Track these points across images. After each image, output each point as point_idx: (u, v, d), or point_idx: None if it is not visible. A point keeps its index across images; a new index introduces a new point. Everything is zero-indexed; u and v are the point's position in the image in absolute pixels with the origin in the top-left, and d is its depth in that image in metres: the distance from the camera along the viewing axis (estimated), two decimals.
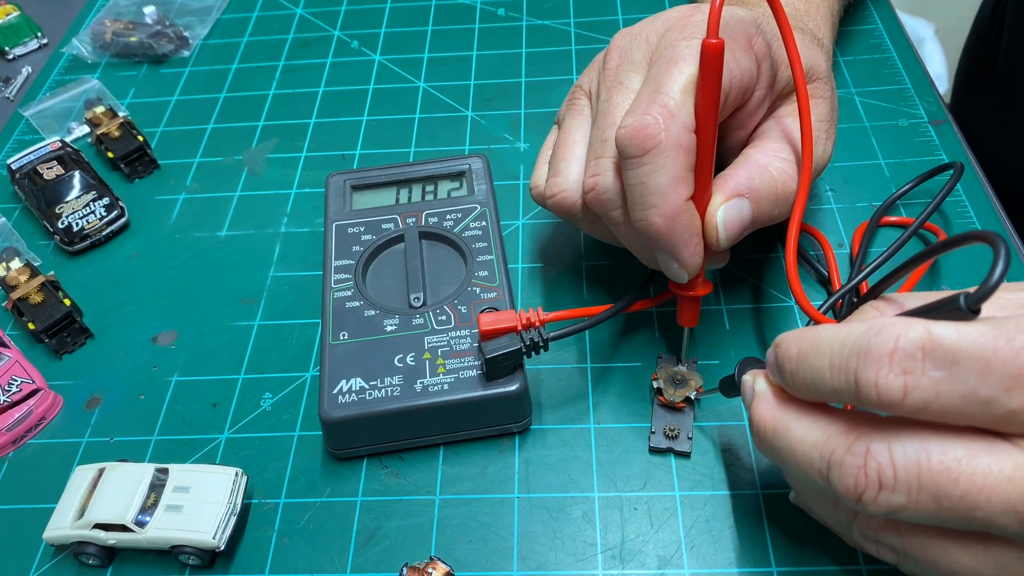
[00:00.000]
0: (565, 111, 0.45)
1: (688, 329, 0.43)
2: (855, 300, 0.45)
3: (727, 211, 0.38)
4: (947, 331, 0.26)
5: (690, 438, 0.42)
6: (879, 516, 0.30)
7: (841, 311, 0.44)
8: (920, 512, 0.27)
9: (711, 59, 0.34)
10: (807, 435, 0.30)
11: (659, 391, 0.42)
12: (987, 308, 0.27)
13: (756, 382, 0.34)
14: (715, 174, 0.39)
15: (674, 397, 0.42)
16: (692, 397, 0.42)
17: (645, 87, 0.37)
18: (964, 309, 0.27)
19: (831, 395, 0.29)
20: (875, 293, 0.35)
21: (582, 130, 0.43)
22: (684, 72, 0.36)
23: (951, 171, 0.48)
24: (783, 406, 0.32)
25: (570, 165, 0.42)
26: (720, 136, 0.38)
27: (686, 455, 0.42)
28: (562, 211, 0.42)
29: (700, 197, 0.38)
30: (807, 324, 0.42)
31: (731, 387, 0.38)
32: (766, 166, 0.39)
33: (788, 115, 0.41)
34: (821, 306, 0.42)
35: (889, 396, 0.26)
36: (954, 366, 0.26)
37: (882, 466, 0.27)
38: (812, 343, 0.29)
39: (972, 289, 0.27)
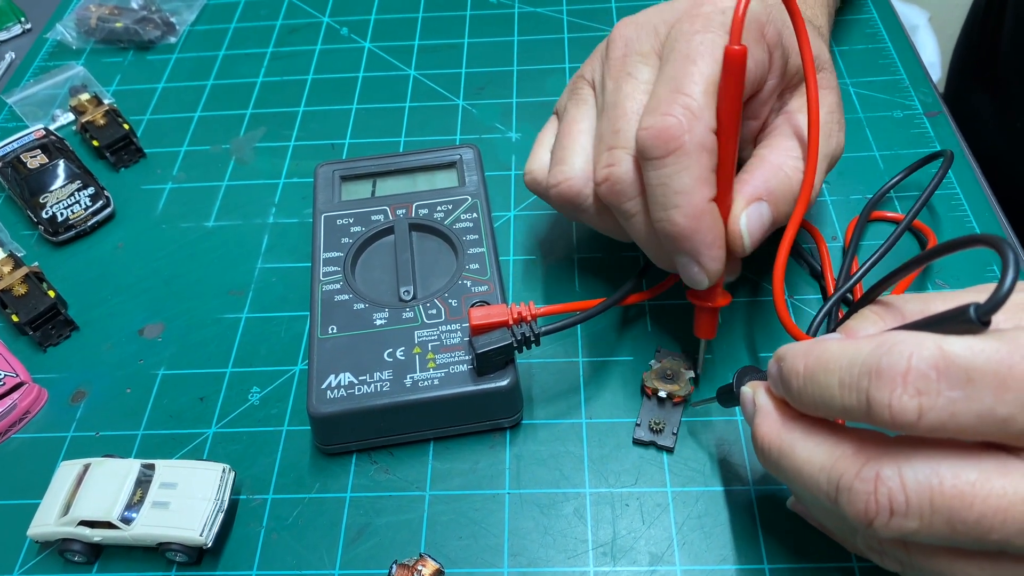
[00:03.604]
0: (567, 100, 0.43)
1: (705, 341, 0.42)
2: (849, 297, 0.45)
3: (749, 216, 0.37)
4: (960, 348, 0.25)
5: (674, 434, 0.41)
6: None
7: (830, 322, 0.43)
8: (933, 535, 0.26)
9: (735, 66, 0.34)
10: (813, 457, 0.29)
11: (656, 391, 0.42)
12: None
13: (757, 395, 0.33)
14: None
15: (682, 391, 0.42)
16: (685, 396, 0.42)
17: (663, 84, 0.36)
18: (975, 320, 0.26)
19: (841, 414, 0.28)
20: (870, 297, 0.34)
21: (587, 120, 0.42)
22: (704, 71, 0.35)
23: (941, 160, 0.48)
24: (788, 424, 0.31)
25: (575, 155, 0.41)
26: None
27: (669, 450, 0.41)
28: (565, 200, 0.41)
29: (722, 200, 0.37)
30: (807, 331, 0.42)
31: (729, 397, 0.38)
32: (780, 167, 0.39)
33: (798, 110, 0.40)
34: (812, 322, 0.42)
35: (904, 418, 0.26)
36: (969, 385, 0.25)
37: (893, 492, 0.26)
38: (819, 360, 0.29)
39: (982, 298, 0.26)
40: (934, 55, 1.38)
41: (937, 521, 0.26)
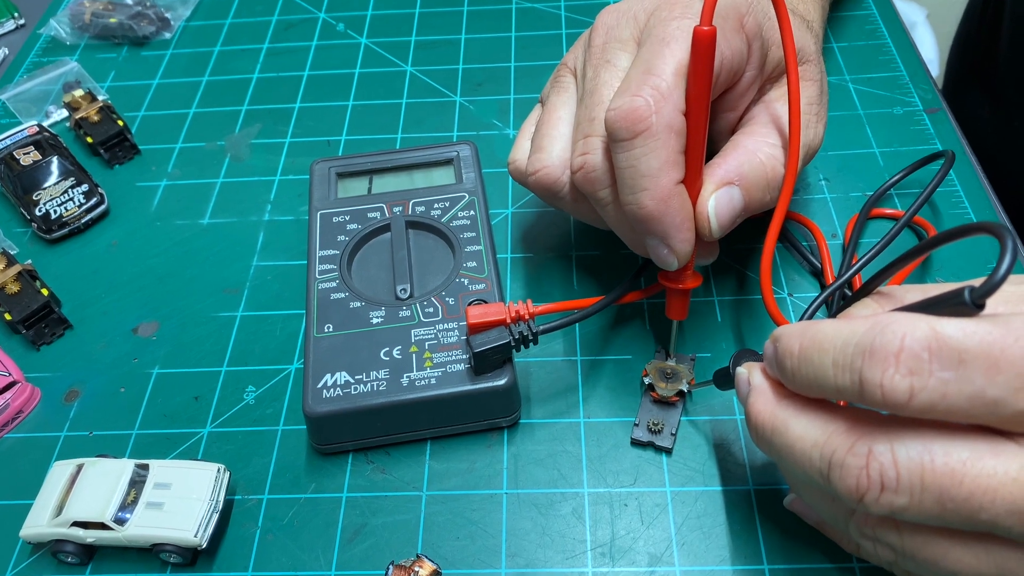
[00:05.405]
0: (550, 89, 0.44)
1: (677, 322, 0.42)
2: (848, 292, 0.45)
3: (718, 199, 0.37)
4: (953, 329, 0.25)
5: (673, 434, 0.41)
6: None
7: (828, 312, 0.43)
8: (923, 513, 0.27)
9: (703, 46, 0.34)
10: (807, 433, 0.29)
11: (650, 387, 0.42)
12: (990, 303, 0.26)
13: (752, 375, 0.33)
14: (705, 159, 0.38)
15: (667, 392, 0.41)
16: (684, 390, 0.41)
17: (635, 67, 0.36)
18: (969, 303, 0.26)
19: (834, 393, 0.28)
20: (869, 288, 0.34)
21: (567, 108, 0.42)
22: (676, 54, 0.35)
23: (942, 160, 0.48)
24: (782, 402, 0.31)
25: (554, 142, 0.41)
26: (710, 118, 0.37)
27: (667, 450, 0.41)
28: (543, 188, 0.41)
29: (692, 183, 0.37)
30: (802, 317, 0.42)
31: (725, 379, 0.38)
32: (755, 152, 0.39)
33: (777, 99, 0.41)
34: (808, 307, 0.42)
35: (895, 397, 0.26)
36: (961, 366, 0.25)
37: (884, 467, 0.26)
38: (814, 340, 0.29)
39: (977, 283, 0.26)
40: (932, 52, 1.38)
41: (927, 498, 0.26)
